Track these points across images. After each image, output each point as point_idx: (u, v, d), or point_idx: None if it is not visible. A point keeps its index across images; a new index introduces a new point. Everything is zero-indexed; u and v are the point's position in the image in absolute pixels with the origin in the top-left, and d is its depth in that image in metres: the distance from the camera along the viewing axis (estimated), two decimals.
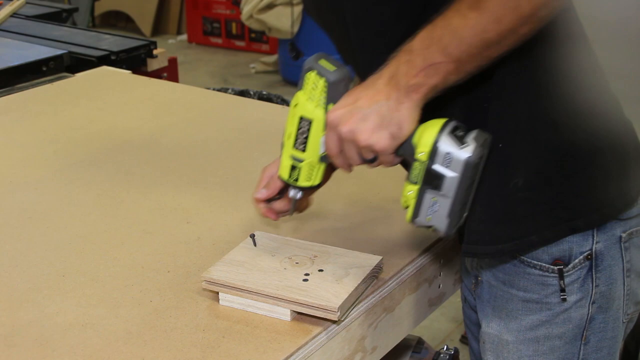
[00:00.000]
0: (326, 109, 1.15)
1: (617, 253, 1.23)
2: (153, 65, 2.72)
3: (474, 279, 1.34)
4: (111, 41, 2.71)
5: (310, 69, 1.15)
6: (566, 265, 1.21)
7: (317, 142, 1.18)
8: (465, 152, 1.09)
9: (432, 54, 1.06)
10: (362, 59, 1.25)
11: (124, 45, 2.67)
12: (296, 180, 1.22)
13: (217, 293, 1.24)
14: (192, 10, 6.88)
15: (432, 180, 1.11)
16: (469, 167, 1.09)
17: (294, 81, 5.66)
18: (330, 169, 1.31)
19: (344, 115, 1.12)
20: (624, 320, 1.28)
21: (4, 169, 1.74)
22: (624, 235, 1.23)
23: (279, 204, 1.32)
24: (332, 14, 1.26)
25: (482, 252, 1.24)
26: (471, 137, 1.10)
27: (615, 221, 1.22)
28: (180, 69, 3.04)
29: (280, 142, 1.23)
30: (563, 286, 1.22)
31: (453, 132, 1.11)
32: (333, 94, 1.14)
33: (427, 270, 1.42)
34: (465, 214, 1.16)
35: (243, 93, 3.25)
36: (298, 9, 5.36)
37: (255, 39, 6.54)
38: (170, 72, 2.82)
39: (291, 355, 1.15)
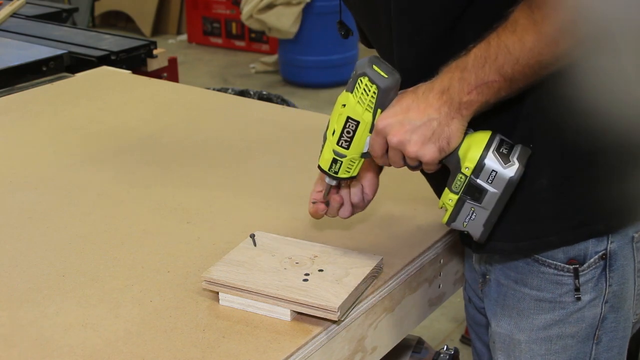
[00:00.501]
0: (375, 114, 1.17)
1: (630, 253, 1.23)
2: (153, 65, 2.72)
3: (482, 278, 1.34)
4: (111, 41, 2.71)
5: (363, 74, 1.17)
6: (581, 264, 1.22)
7: (361, 142, 1.20)
8: (509, 172, 1.13)
9: (486, 72, 1.07)
10: (399, 52, 1.24)
11: (124, 45, 2.67)
12: (336, 172, 1.25)
13: (217, 293, 1.24)
14: (192, 10, 6.88)
15: (473, 193, 1.15)
16: (511, 185, 1.13)
17: (294, 81, 5.67)
18: (377, 172, 1.35)
19: (394, 125, 1.14)
20: (634, 320, 1.29)
21: (4, 169, 1.74)
22: (636, 235, 1.23)
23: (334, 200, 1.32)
24: (375, 3, 1.26)
25: (500, 249, 1.25)
26: (516, 156, 1.13)
27: (628, 225, 1.23)
28: (180, 69, 3.04)
29: (323, 135, 1.25)
30: (578, 285, 1.22)
31: (499, 149, 1.14)
32: (383, 100, 1.17)
33: (427, 270, 1.42)
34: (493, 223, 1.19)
35: (243, 93, 3.25)
36: (298, 9, 5.36)
37: (255, 39, 6.54)
38: (170, 72, 2.82)
39: (291, 355, 1.15)
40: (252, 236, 1.33)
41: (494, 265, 1.30)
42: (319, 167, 1.26)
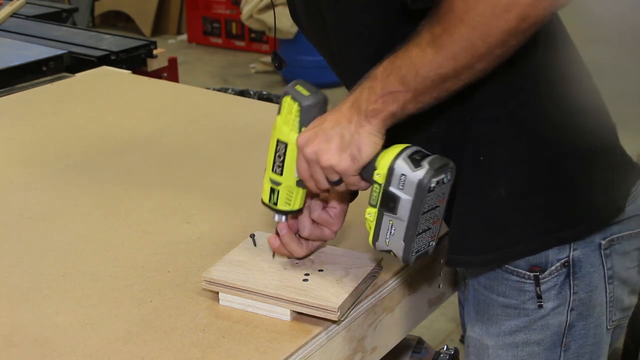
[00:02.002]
0: (299, 133, 1.17)
1: (597, 260, 1.22)
2: (153, 65, 2.72)
3: (463, 281, 1.35)
4: (111, 41, 2.71)
5: (286, 94, 1.19)
6: (542, 271, 1.21)
7: (293, 166, 1.20)
8: (419, 174, 1.09)
9: (391, 82, 1.08)
10: (345, 71, 1.27)
11: (124, 45, 2.67)
12: (275, 203, 1.24)
13: (217, 293, 1.24)
14: (192, 10, 6.88)
15: (388, 203, 1.12)
16: (421, 189, 1.09)
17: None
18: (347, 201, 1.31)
19: (310, 137, 1.15)
20: (609, 327, 1.28)
21: (4, 169, 1.74)
22: (603, 242, 1.22)
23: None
24: (316, 26, 1.29)
25: (467, 262, 1.25)
26: (427, 161, 1.11)
27: (596, 231, 1.22)
28: (180, 69, 3.04)
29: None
30: (539, 293, 1.22)
31: (411, 156, 1.12)
32: (306, 118, 1.17)
33: (427, 270, 1.42)
34: (431, 244, 1.15)
35: (243, 93, 3.25)
36: None
37: (255, 39, 6.54)
38: (170, 72, 2.82)
39: (291, 355, 1.15)
40: (252, 236, 1.33)
41: (469, 271, 1.31)
42: (262, 201, 1.26)
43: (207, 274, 1.24)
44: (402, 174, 1.10)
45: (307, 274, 1.24)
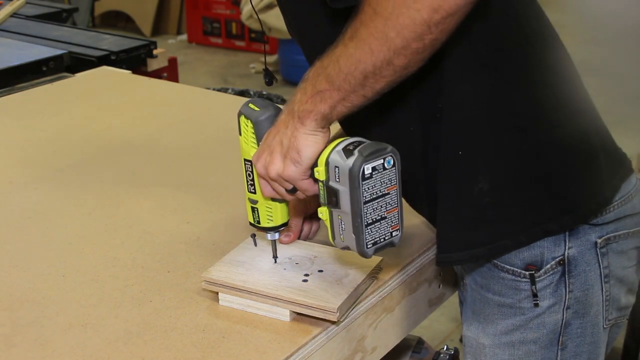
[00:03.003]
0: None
1: (593, 259, 1.22)
2: (153, 65, 2.72)
3: (461, 281, 1.35)
4: (111, 41, 2.71)
5: (240, 114, 1.20)
6: (538, 270, 1.21)
7: None
8: (348, 163, 1.08)
9: (319, 81, 1.09)
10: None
11: (124, 45, 2.67)
12: (258, 222, 1.25)
13: (217, 293, 1.24)
14: (192, 10, 6.88)
15: (331, 198, 1.11)
16: (353, 177, 1.08)
17: (294, 81, 5.66)
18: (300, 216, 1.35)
19: (259, 153, 1.16)
20: (605, 326, 1.28)
21: (4, 169, 1.74)
22: (599, 240, 1.22)
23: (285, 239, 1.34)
24: (290, 26, 1.32)
25: (456, 259, 1.25)
26: (358, 149, 1.09)
27: (590, 226, 1.22)
28: (180, 69, 3.04)
29: None
30: (535, 291, 1.22)
31: (345, 147, 1.10)
32: (260, 133, 1.18)
33: (427, 270, 1.42)
34: (395, 235, 1.14)
35: (243, 93, 3.25)
36: None
37: (255, 39, 6.54)
38: (170, 72, 2.82)
39: (291, 355, 1.15)
40: (253, 236, 1.33)
41: (466, 270, 1.31)
42: (250, 223, 1.27)
43: (207, 274, 1.24)
44: (336, 166, 1.09)
45: (306, 275, 1.24)
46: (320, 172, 1.11)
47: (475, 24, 1.11)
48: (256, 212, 1.25)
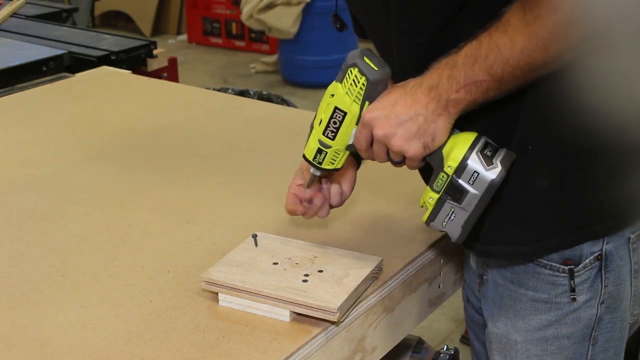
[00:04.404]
0: (362, 106, 1.16)
1: (626, 254, 1.23)
2: (153, 65, 2.72)
3: (479, 278, 1.34)
4: (111, 41, 2.71)
5: (353, 65, 1.16)
6: (576, 265, 1.21)
7: (347, 133, 1.19)
8: (491, 174, 1.12)
9: (475, 71, 1.07)
10: (399, 46, 1.23)
11: (124, 45, 2.67)
12: (320, 163, 1.24)
13: (217, 293, 1.24)
14: (192, 10, 6.88)
15: (454, 193, 1.14)
16: (492, 188, 1.12)
17: (294, 81, 5.67)
18: (354, 169, 1.34)
19: (380, 118, 1.14)
20: (631, 321, 1.29)
21: (4, 169, 1.74)
22: (632, 236, 1.23)
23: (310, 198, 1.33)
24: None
25: (501, 253, 1.24)
26: (499, 159, 1.13)
27: (627, 226, 1.22)
28: (180, 69, 3.04)
29: (309, 125, 1.24)
30: (573, 286, 1.22)
31: (483, 151, 1.13)
32: (371, 93, 1.16)
33: (427, 270, 1.42)
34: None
35: (243, 93, 3.25)
36: (298, 9, 5.36)
37: (255, 39, 6.54)
38: (170, 72, 2.82)
39: (291, 355, 1.15)
40: (254, 236, 1.32)
41: (490, 266, 1.30)
42: (304, 156, 1.25)
43: (207, 275, 1.24)
44: (475, 171, 1.12)
45: (306, 275, 1.24)
46: (452, 168, 1.13)
47: None
48: (323, 154, 1.22)
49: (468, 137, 1.14)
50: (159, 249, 1.41)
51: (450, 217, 1.16)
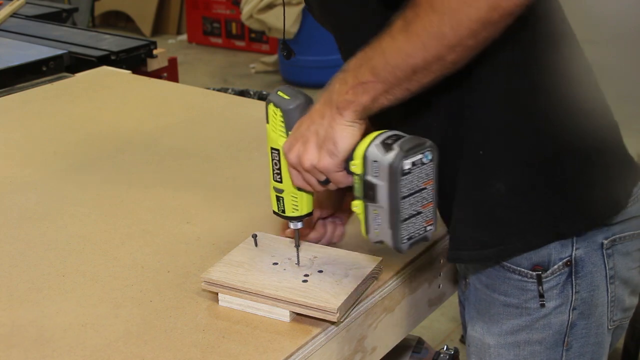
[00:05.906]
0: (286, 137, 1.17)
1: (599, 260, 1.22)
2: (153, 65, 2.72)
3: (464, 281, 1.35)
4: (111, 41, 2.71)
5: (269, 102, 1.19)
6: (545, 270, 1.21)
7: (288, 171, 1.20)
8: (388, 158, 1.07)
9: (362, 73, 1.07)
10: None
11: (124, 45, 2.67)
12: (283, 211, 1.24)
13: (217, 293, 1.24)
14: (192, 10, 6.88)
15: (368, 192, 1.10)
16: (394, 173, 1.07)
17: (294, 81, 5.66)
18: (340, 196, 1.35)
19: (291, 142, 1.15)
20: (610, 327, 1.28)
21: (4, 169, 1.74)
22: (605, 242, 1.22)
23: (312, 235, 1.36)
24: (324, 15, 1.29)
25: (467, 258, 1.25)
26: (397, 144, 1.08)
27: (596, 228, 1.22)
28: (180, 69, 3.04)
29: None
30: (542, 292, 1.22)
31: (383, 141, 1.09)
32: (290, 122, 1.17)
33: (427, 270, 1.42)
34: (429, 229, 1.13)
35: (243, 93, 3.25)
36: (298, 9, 5.36)
37: (255, 39, 6.54)
38: (170, 72, 2.82)
39: (291, 355, 1.15)
40: (254, 236, 1.32)
41: (470, 270, 1.31)
42: (273, 212, 1.26)
43: (207, 275, 1.24)
44: (374, 160, 1.08)
45: (306, 275, 1.24)
46: (357, 166, 1.10)
47: (513, 24, 1.10)
48: (281, 201, 1.23)
49: (373, 134, 1.11)
50: (159, 249, 1.41)
51: (377, 222, 1.11)
